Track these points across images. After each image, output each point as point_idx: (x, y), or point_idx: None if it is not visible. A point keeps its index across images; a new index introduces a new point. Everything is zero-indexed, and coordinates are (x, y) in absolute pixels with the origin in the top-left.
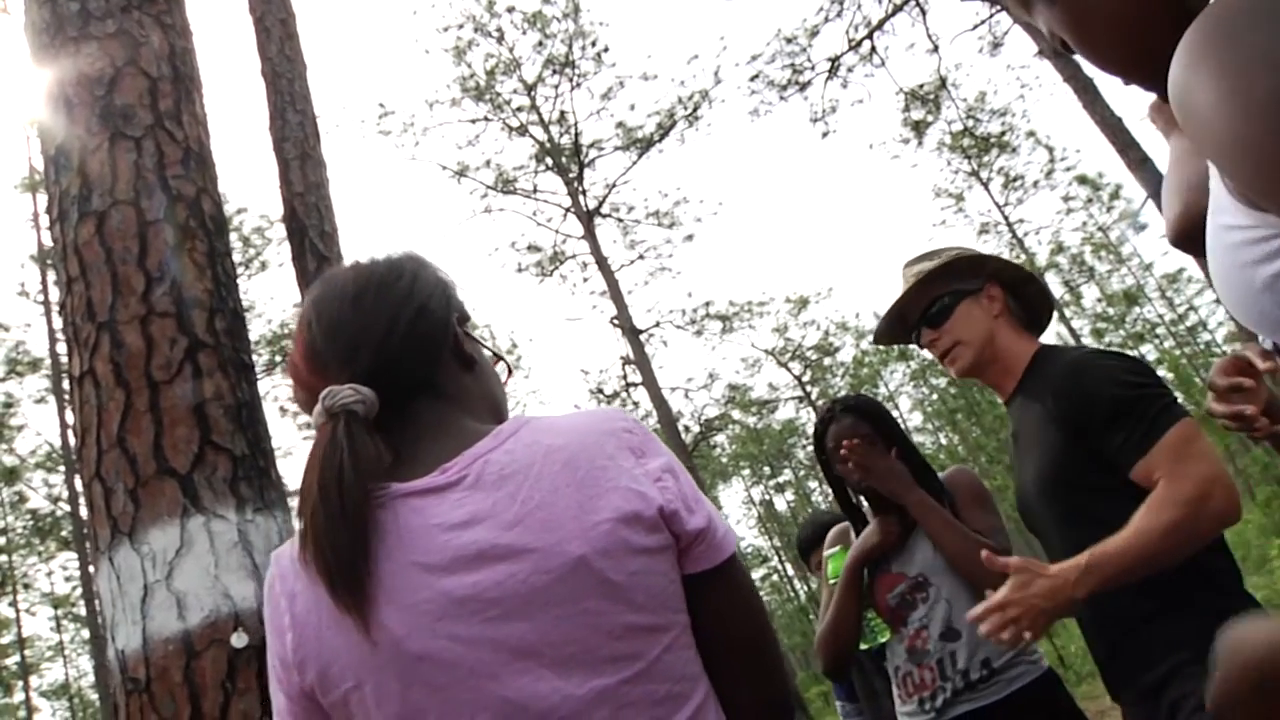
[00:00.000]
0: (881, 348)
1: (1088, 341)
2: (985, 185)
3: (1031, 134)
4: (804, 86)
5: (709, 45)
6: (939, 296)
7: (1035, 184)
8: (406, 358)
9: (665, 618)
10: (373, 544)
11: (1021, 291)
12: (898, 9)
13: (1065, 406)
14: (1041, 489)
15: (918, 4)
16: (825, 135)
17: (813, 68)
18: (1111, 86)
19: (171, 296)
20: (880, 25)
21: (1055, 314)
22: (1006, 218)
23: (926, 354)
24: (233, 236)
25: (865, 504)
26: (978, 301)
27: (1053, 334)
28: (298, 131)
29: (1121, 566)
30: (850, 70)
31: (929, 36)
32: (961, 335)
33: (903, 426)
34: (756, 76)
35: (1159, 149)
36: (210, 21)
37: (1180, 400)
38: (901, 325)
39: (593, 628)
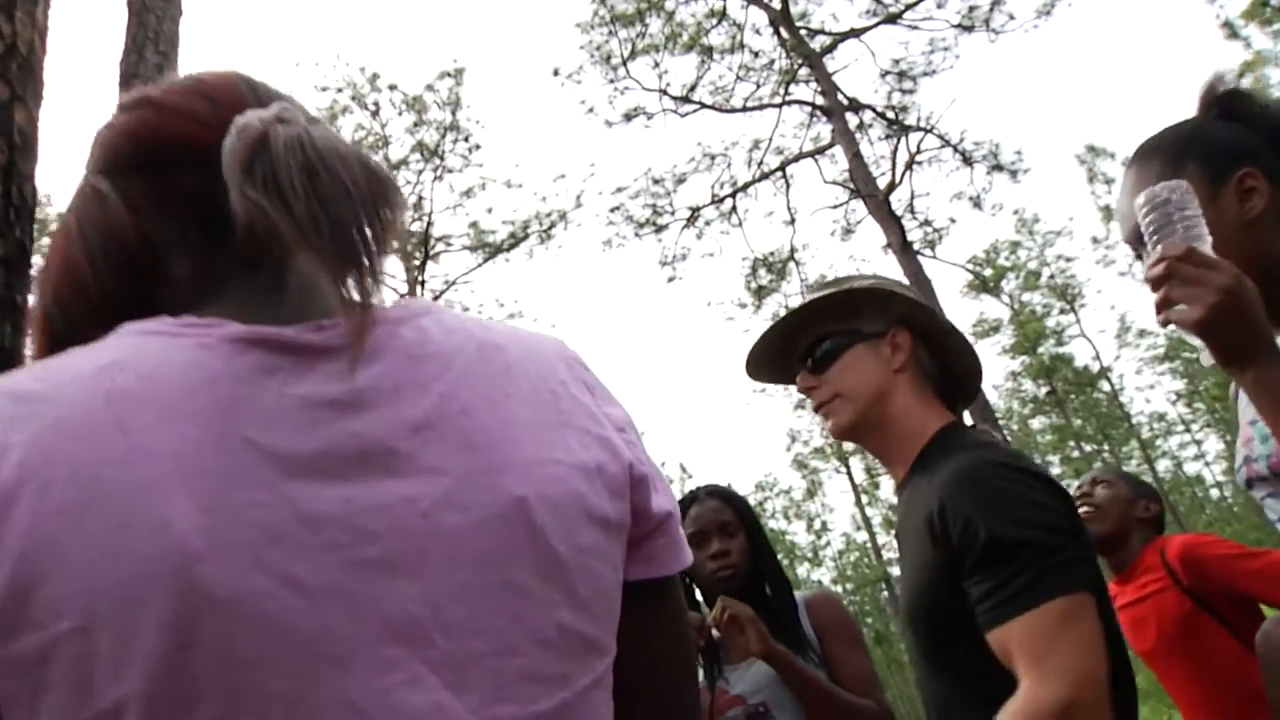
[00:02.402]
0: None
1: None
2: None
3: None
4: (660, 229)
5: (578, 168)
6: (827, 335)
7: None
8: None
9: (605, 634)
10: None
11: (939, 345)
12: (765, 176)
13: (943, 522)
14: (909, 612)
15: (784, 176)
16: (670, 280)
17: (673, 212)
18: (947, 294)
19: None
20: (745, 187)
21: (870, 495)
22: None
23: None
24: None
25: (702, 599)
26: (875, 348)
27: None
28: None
29: None
30: (708, 223)
31: (788, 208)
32: (845, 387)
33: None
34: (618, 209)
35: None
36: None
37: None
38: (784, 362)
39: (515, 616)
